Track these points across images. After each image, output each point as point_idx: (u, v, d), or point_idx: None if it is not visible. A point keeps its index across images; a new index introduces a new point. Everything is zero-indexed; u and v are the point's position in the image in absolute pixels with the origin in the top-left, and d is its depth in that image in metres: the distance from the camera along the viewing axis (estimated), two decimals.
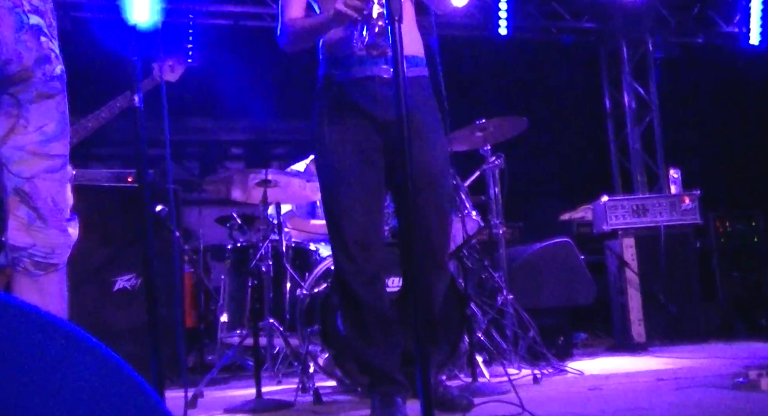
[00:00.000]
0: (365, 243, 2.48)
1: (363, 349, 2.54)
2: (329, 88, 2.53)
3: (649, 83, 7.02)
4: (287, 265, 3.53)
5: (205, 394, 3.37)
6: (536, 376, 3.37)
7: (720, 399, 2.54)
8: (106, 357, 0.94)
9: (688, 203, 5.10)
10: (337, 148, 2.49)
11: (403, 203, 1.72)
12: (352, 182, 2.47)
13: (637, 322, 4.88)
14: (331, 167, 2.51)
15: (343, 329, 2.62)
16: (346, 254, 2.48)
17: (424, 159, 2.44)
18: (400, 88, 1.65)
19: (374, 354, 2.52)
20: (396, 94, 1.67)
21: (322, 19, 2.46)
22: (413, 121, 2.48)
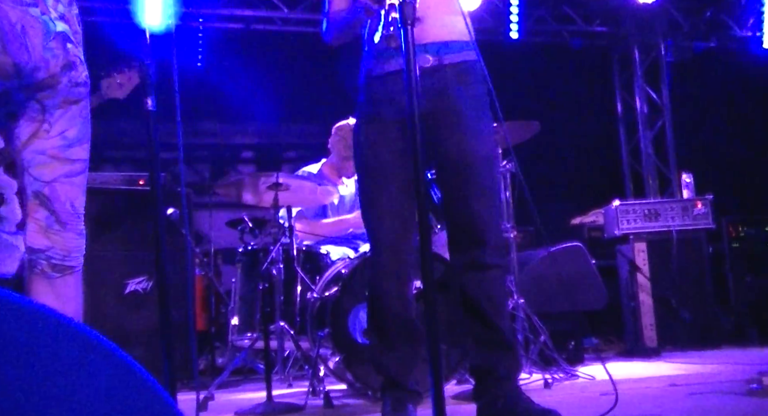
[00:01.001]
0: (398, 247, 2.41)
1: (381, 352, 2.49)
2: (368, 82, 2.47)
3: (661, 87, 7.00)
4: (298, 268, 3.53)
5: (215, 397, 3.37)
6: (547, 381, 3.36)
7: (734, 406, 2.52)
8: (121, 360, 0.94)
9: (700, 207, 5.07)
10: (374, 146, 2.43)
11: (420, 209, 1.71)
12: (389, 182, 2.40)
13: (649, 327, 4.86)
14: (369, 166, 2.45)
15: (366, 327, 2.59)
16: (378, 255, 2.44)
17: (465, 149, 2.38)
18: (413, 89, 1.65)
19: (391, 360, 2.47)
20: (408, 96, 1.67)
21: (352, 11, 2.38)
22: (454, 110, 2.41)
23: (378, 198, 2.42)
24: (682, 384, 3.12)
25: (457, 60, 2.42)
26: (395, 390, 2.46)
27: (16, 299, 0.83)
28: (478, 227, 2.38)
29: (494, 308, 2.41)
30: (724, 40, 6.96)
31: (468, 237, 2.39)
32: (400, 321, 2.47)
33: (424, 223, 1.67)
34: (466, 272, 2.41)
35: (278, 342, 3.51)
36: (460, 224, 2.42)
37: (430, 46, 2.39)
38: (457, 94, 2.40)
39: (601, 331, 5.44)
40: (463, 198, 2.39)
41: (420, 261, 1.68)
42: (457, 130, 2.40)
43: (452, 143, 2.40)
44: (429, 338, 1.60)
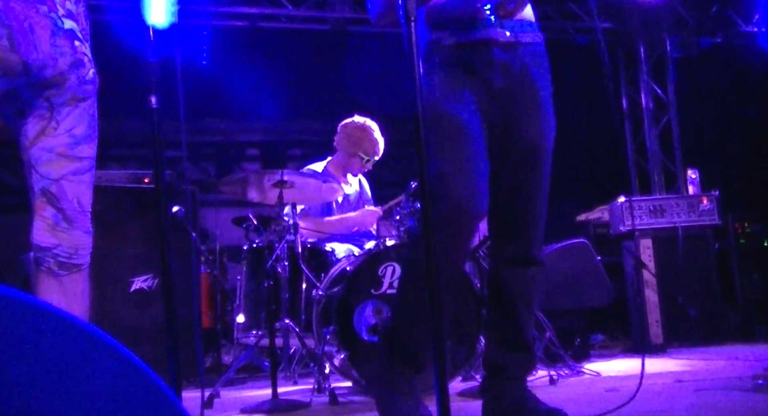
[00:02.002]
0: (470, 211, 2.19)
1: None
2: (437, 52, 2.29)
3: (667, 83, 6.98)
4: (303, 266, 3.54)
5: (221, 394, 3.38)
6: (553, 377, 3.35)
7: (740, 402, 2.52)
8: (126, 358, 0.94)
9: (706, 203, 5.06)
10: (451, 101, 2.21)
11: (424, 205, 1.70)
12: (469, 138, 2.20)
13: (655, 324, 4.85)
14: (446, 121, 2.19)
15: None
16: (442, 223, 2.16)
17: (541, 131, 2.28)
18: (416, 81, 1.64)
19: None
20: (413, 88, 1.66)
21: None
22: (533, 89, 2.30)
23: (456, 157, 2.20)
24: (688, 380, 3.12)
25: (531, 40, 2.33)
26: (413, 372, 2.32)
27: (21, 297, 0.84)
28: (534, 220, 2.29)
29: (528, 310, 2.33)
30: (730, 36, 6.92)
31: (520, 229, 2.28)
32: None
33: (427, 219, 1.66)
34: (509, 267, 2.30)
35: (284, 340, 3.52)
36: (516, 215, 2.29)
37: (506, 22, 2.28)
38: (535, 75, 2.31)
39: (607, 328, 5.44)
40: (527, 187, 2.28)
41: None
42: (534, 111, 2.29)
43: (529, 124, 2.28)
44: (434, 335, 1.60)
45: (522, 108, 2.29)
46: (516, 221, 2.30)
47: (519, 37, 2.30)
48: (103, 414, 0.90)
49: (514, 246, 2.31)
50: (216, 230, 5.36)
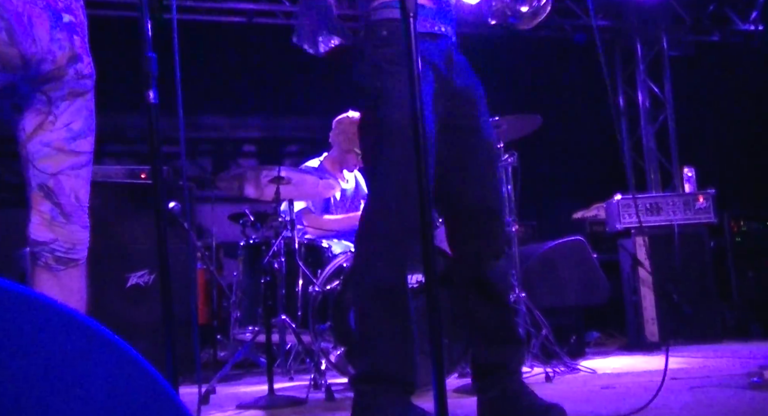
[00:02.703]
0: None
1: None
2: (399, 37, 2.09)
3: (664, 81, 6.99)
4: (300, 262, 3.54)
5: (217, 390, 3.38)
6: (548, 374, 3.36)
7: (734, 399, 2.53)
8: (125, 352, 0.94)
9: (702, 201, 5.07)
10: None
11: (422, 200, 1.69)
12: (430, 145, 2.11)
13: (651, 321, 4.86)
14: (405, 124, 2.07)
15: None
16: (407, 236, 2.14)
17: (490, 128, 2.34)
18: (415, 85, 1.64)
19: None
20: (411, 92, 1.66)
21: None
22: (477, 92, 2.32)
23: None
24: (683, 378, 3.12)
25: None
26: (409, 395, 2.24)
27: (19, 289, 0.84)
28: (499, 211, 2.31)
29: (510, 302, 2.36)
30: (727, 35, 6.94)
31: (489, 223, 2.28)
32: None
33: (425, 215, 1.65)
34: (491, 262, 2.28)
35: (280, 336, 3.52)
36: (492, 212, 2.28)
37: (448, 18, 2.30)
38: (475, 77, 2.33)
39: (603, 325, 5.45)
40: (496, 184, 2.32)
41: (422, 254, 1.66)
42: (484, 109, 2.31)
43: (481, 123, 2.28)
44: (432, 331, 1.60)
45: (474, 107, 2.30)
46: (493, 217, 2.31)
47: (452, 33, 2.32)
48: (102, 408, 0.90)
49: (493, 241, 2.30)
50: (212, 227, 5.35)
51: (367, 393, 2.14)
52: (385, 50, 2.16)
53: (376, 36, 2.19)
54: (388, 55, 2.15)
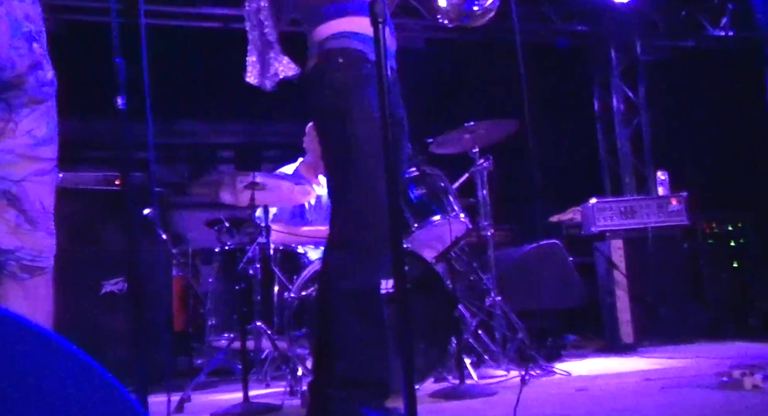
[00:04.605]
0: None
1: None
2: (363, 64, 2.32)
3: (638, 86, 7.07)
4: (275, 268, 3.53)
5: (192, 398, 3.36)
6: (524, 378, 3.37)
7: (704, 399, 2.56)
8: (85, 363, 0.94)
9: (675, 204, 5.13)
10: (375, 119, 2.16)
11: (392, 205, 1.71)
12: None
13: (626, 323, 4.90)
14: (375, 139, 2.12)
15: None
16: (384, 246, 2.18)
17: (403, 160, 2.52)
18: (384, 90, 1.66)
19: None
20: (380, 98, 1.68)
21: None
22: (405, 124, 2.50)
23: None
24: (656, 379, 3.16)
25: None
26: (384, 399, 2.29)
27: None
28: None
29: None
30: (699, 40, 7.03)
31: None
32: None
33: (395, 220, 1.67)
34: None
35: (256, 342, 3.51)
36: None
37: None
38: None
39: (579, 328, 5.48)
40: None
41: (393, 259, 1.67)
42: (406, 140, 2.59)
43: (403, 148, 2.57)
44: (402, 336, 1.61)
45: (404, 136, 2.51)
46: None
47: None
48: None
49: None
50: (189, 233, 5.32)
51: (339, 398, 2.15)
52: (344, 74, 2.32)
53: (333, 62, 2.34)
54: (348, 78, 2.32)
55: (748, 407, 2.32)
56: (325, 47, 2.36)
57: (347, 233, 2.26)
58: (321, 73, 2.36)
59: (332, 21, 2.36)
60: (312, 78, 2.40)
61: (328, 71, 2.33)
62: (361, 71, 2.30)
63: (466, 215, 3.63)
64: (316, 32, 2.41)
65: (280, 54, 2.49)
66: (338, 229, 2.29)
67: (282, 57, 2.48)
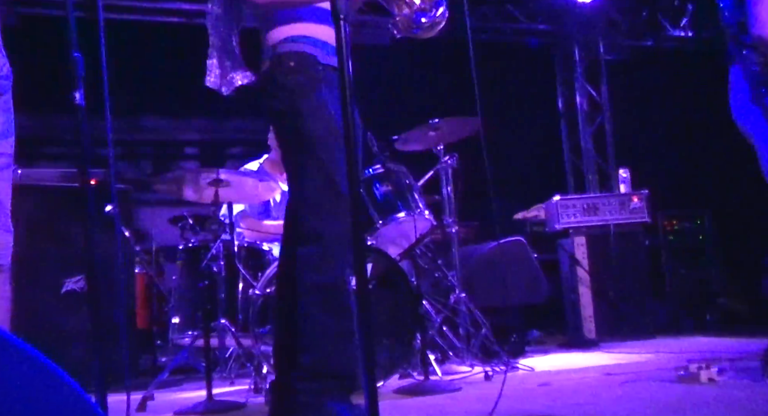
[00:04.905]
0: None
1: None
2: (313, 68, 2.37)
3: (601, 85, 7.17)
4: (239, 265, 3.51)
5: (156, 397, 3.32)
6: (488, 373, 3.41)
7: (662, 392, 2.61)
8: (42, 363, 0.93)
9: (636, 202, 5.22)
10: (333, 115, 2.31)
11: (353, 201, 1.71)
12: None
13: (589, 319, 4.98)
14: (331, 137, 2.27)
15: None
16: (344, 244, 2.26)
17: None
18: (346, 88, 1.66)
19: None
20: (342, 97, 1.68)
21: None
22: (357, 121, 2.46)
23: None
24: (616, 373, 3.21)
25: None
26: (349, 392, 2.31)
27: None
28: None
29: None
30: (659, 40, 7.16)
31: None
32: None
33: (356, 215, 1.68)
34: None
35: (219, 340, 3.49)
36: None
37: None
38: None
39: (543, 323, 5.56)
40: None
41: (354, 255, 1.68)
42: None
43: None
44: (362, 332, 1.61)
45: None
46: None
47: None
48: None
49: None
50: (152, 230, 5.26)
51: (307, 390, 2.18)
52: (296, 77, 2.37)
53: (285, 66, 2.39)
54: (300, 81, 2.37)
55: (703, 399, 2.37)
56: (277, 51, 2.41)
57: (315, 227, 2.29)
58: (274, 76, 2.41)
59: (284, 26, 2.42)
60: (266, 81, 2.46)
61: (281, 74, 2.39)
62: (313, 74, 2.36)
63: (430, 212, 3.65)
64: (268, 36, 2.46)
65: (239, 63, 2.56)
66: (305, 224, 2.32)
67: (240, 67, 2.55)
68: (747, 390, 2.49)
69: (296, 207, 2.39)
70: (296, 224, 2.35)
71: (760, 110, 2.69)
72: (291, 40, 2.41)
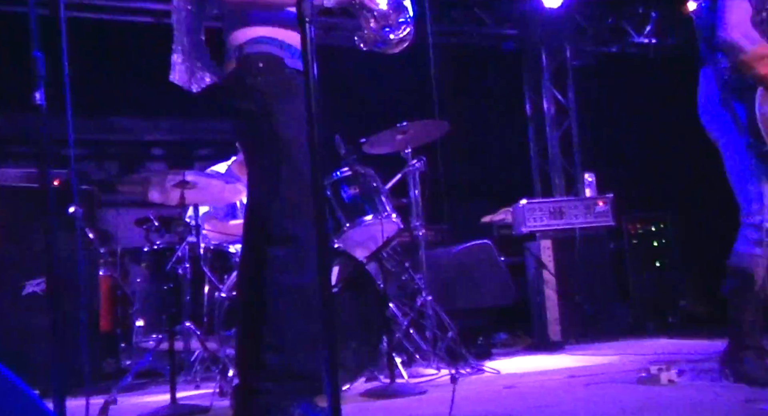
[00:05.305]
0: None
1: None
2: (281, 70, 2.37)
3: (567, 90, 7.25)
4: (205, 268, 3.49)
5: (119, 401, 3.27)
6: (453, 376, 3.42)
7: (624, 394, 2.66)
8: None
9: (601, 205, 5.28)
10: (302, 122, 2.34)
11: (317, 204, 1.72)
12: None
13: (554, 321, 5.03)
14: (300, 138, 2.21)
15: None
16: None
17: None
18: (311, 92, 1.66)
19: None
20: (307, 99, 1.68)
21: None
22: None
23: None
24: (580, 376, 3.25)
25: None
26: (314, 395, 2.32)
27: None
28: None
29: None
30: (624, 46, 7.27)
31: None
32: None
33: (320, 219, 1.68)
34: None
35: (184, 343, 3.46)
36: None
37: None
38: None
39: (509, 326, 5.59)
40: None
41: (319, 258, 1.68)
42: None
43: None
44: (326, 335, 1.61)
45: None
46: None
47: None
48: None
49: None
50: (117, 232, 5.20)
51: (272, 392, 2.18)
52: (266, 78, 2.35)
53: (253, 67, 2.37)
54: (271, 82, 2.35)
55: (662, 401, 2.42)
56: (244, 51, 2.39)
57: (290, 228, 2.28)
58: (243, 77, 2.38)
59: (251, 27, 2.40)
60: (233, 81, 2.42)
61: (250, 75, 2.36)
62: (282, 76, 2.35)
63: (398, 215, 3.66)
64: (234, 36, 2.43)
65: (207, 61, 2.53)
66: (278, 225, 2.30)
67: (210, 64, 2.53)
68: (705, 391, 2.54)
69: (267, 208, 2.35)
70: (268, 225, 2.33)
71: (728, 114, 2.70)
72: (258, 42, 2.39)
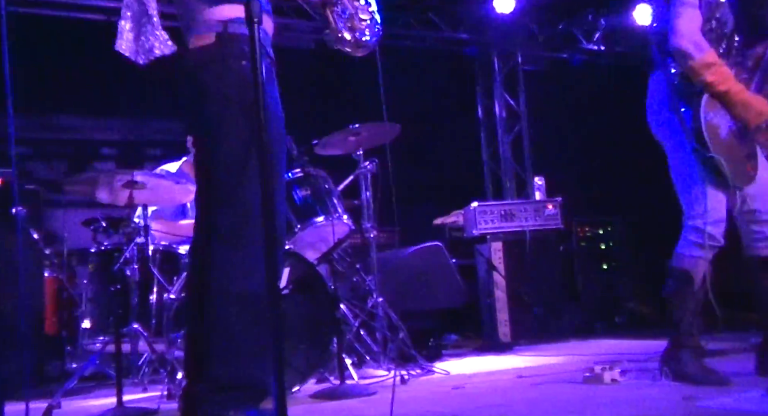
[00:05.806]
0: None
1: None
2: (264, 57, 2.10)
3: (519, 94, 7.37)
4: (154, 269, 3.44)
5: (63, 405, 3.22)
6: (403, 377, 3.45)
7: (569, 393, 2.71)
8: None
9: (551, 208, 5.38)
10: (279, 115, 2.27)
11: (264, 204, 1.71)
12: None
13: (504, 323, 5.09)
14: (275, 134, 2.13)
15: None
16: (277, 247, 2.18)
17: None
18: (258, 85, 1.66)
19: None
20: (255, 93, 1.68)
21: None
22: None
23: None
24: (528, 376, 3.31)
25: None
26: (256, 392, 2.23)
27: None
28: None
29: None
30: (574, 52, 7.42)
31: None
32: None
33: (269, 219, 1.68)
34: None
35: (132, 346, 3.40)
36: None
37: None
38: None
39: (460, 328, 5.65)
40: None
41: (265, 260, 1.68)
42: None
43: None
44: (273, 337, 1.62)
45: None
46: None
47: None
48: None
49: None
50: (64, 232, 5.09)
51: (212, 401, 2.11)
52: (248, 65, 2.10)
53: (237, 48, 2.17)
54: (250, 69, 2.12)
55: (604, 399, 2.48)
56: (228, 30, 2.18)
57: (241, 230, 2.14)
58: (225, 57, 2.17)
59: (233, 5, 2.17)
60: (209, 59, 2.19)
61: (234, 58, 2.16)
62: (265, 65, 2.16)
63: (349, 216, 3.67)
64: (212, 10, 2.19)
65: (159, 29, 2.31)
66: (229, 226, 2.15)
67: (160, 33, 2.31)
68: (645, 390, 2.62)
69: (217, 207, 2.19)
70: (213, 224, 2.19)
71: (675, 118, 2.74)
72: (242, 23, 2.02)
